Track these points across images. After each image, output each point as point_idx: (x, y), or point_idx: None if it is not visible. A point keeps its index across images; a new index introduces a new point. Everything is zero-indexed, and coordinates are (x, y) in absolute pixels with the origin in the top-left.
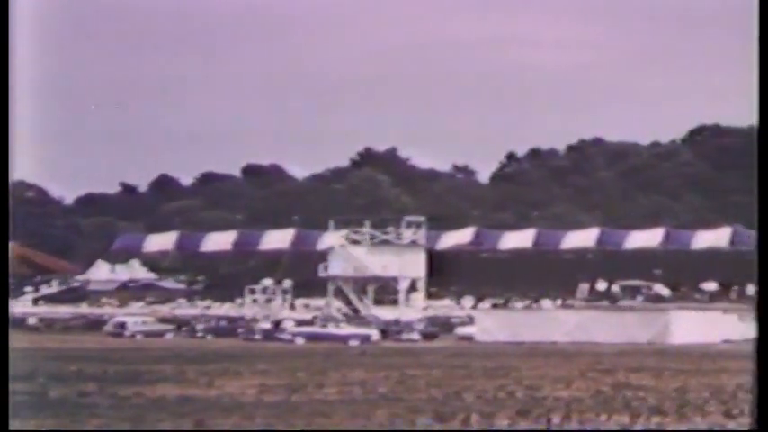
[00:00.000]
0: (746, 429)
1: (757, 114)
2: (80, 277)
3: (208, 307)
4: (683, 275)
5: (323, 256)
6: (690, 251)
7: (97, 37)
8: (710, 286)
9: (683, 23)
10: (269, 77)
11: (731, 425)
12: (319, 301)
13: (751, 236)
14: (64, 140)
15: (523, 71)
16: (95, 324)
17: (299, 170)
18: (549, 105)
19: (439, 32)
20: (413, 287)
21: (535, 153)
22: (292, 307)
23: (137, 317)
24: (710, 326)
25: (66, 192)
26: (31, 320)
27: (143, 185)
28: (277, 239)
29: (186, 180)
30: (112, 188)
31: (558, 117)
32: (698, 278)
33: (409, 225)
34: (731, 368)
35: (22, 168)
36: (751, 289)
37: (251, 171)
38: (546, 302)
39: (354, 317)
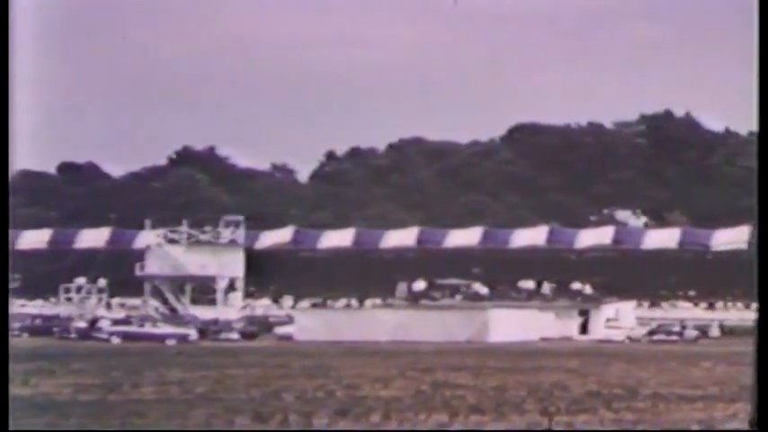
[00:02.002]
0: (747, 429)
1: (757, 114)
2: None
3: (22, 305)
4: (501, 274)
5: (140, 255)
6: (508, 249)
7: None
8: (528, 285)
9: (508, 25)
10: (87, 75)
11: (546, 423)
12: (136, 301)
13: (567, 233)
14: None
15: (344, 70)
16: None
17: (116, 168)
18: (370, 105)
19: (262, 31)
20: (231, 287)
21: (354, 152)
22: (108, 306)
23: None
24: (528, 324)
25: None
26: None
27: None
28: (92, 238)
29: None
30: None
31: (379, 116)
32: (516, 276)
33: (227, 224)
34: (548, 366)
35: None
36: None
37: (66, 169)
38: (366, 302)
39: (172, 316)
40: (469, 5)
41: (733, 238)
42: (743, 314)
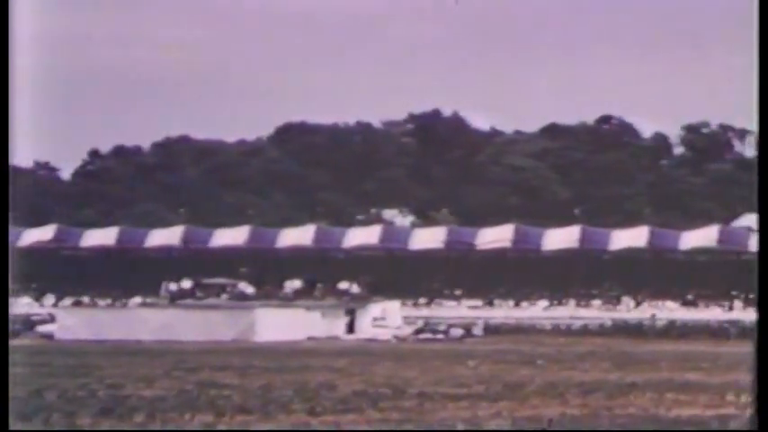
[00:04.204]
0: (747, 429)
1: (757, 114)
2: None
3: None
4: (268, 273)
5: None
6: (275, 249)
7: None
8: (295, 284)
9: (282, 25)
10: None
11: (315, 423)
12: None
13: (335, 232)
14: None
15: (110, 69)
16: None
17: None
18: (136, 103)
19: (25, 29)
20: None
21: (119, 150)
22: None
23: None
24: (295, 323)
25: None
26: None
27: None
28: None
29: None
30: None
31: (145, 115)
32: (283, 276)
33: None
34: (315, 365)
35: None
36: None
37: None
38: (130, 301)
39: None
40: (238, 5)
41: (497, 236)
42: (509, 312)
